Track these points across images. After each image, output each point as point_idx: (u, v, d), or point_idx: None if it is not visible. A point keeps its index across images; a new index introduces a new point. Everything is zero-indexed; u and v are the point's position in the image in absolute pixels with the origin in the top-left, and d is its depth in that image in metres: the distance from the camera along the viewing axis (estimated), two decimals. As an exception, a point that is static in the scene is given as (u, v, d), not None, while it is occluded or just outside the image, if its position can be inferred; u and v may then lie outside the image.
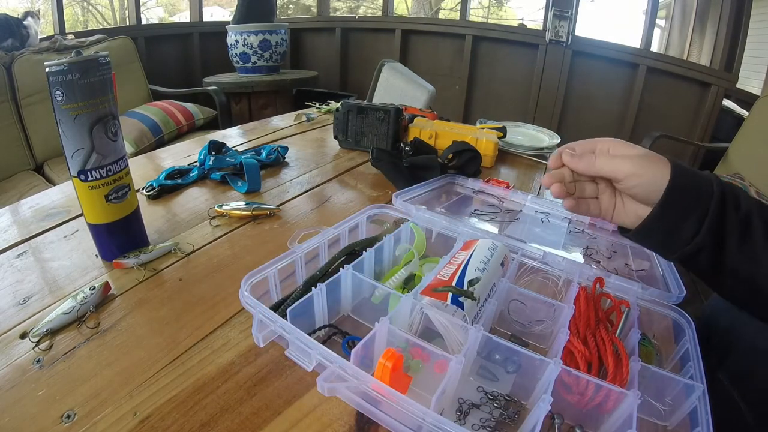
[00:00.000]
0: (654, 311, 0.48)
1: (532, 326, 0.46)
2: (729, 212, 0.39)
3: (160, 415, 0.35)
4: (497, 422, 0.36)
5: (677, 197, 0.39)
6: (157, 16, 5.42)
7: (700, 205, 0.39)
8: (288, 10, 4.78)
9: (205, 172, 0.83)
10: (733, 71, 2.07)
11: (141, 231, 0.59)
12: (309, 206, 0.74)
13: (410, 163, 0.85)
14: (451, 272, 0.44)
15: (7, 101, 1.73)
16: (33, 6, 3.62)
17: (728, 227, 0.39)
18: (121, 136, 0.53)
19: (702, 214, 0.39)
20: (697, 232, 0.39)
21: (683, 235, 0.39)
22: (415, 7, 4.81)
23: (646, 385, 0.37)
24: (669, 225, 0.40)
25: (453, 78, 2.68)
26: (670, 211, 0.39)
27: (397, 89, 1.79)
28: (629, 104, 2.28)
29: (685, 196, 0.39)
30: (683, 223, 0.39)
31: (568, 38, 2.26)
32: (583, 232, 0.68)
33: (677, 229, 0.39)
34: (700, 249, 0.39)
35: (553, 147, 1.11)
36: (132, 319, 0.46)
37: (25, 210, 0.70)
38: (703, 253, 0.39)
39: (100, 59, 0.48)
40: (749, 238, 0.38)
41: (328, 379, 0.34)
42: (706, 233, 0.38)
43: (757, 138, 1.70)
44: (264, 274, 0.44)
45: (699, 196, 0.39)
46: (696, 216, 0.39)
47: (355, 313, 0.48)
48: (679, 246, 0.40)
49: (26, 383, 0.38)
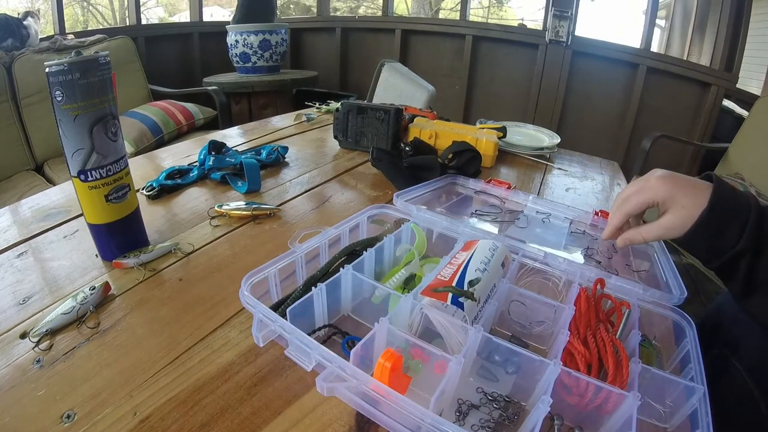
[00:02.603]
0: (655, 312, 0.48)
1: (533, 327, 0.46)
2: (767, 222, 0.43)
3: (160, 415, 0.35)
4: (497, 423, 0.36)
5: (721, 205, 0.44)
6: (157, 16, 5.42)
7: (742, 213, 0.43)
8: (288, 10, 4.78)
9: (205, 172, 0.83)
10: (733, 71, 2.07)
11: (141, 231, 0.59)
12: (309, 206, 0.74)
13: (410, 163, 0.84)
14: (451, 273, 0.44)
15: (7, 101, 1.73)
16: (33, 6, 3.62)
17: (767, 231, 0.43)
18: (121, 136, 0.53)
19: (743, 221, 0.43)
20: (740, 236, 0.43)
21: (727, 240, 0.43)
22: (415, 7, 4.81)
23: (647, 387, 0.37)
24: (714, 230, 0.44)
25: (453, 78, 2.68)
26: (715, 216, 0.43)
27: (397, 89, 1.79)
28: (629, 104, 2.28)
29: (728, 204, 0.44)
30: (727, 226, 0.43)
31: (568, 38, 2.26)
32: (584, 233, 0.68)
33: (721, 234, 0.44)
34: (741, 253, 0.43)
35: (553, 147, 1.11)
36: (132, 319, 0.46)
37: (25, 210, 0.70)
38: (743, 259, 0.43)
39: (100, 59, 0.48)
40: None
41: (327, 379, 0.34)
42: (747, 238, 0.42)
43: (757, 138, 1.70)
44: (264, 274, 0.44)
45: (740, 206, 0.44)
46: (738, 222, 0.43)
47: (355, 313, 0.48)
48: (723, 251, 0.44)
49: (26, 383, 0.38)
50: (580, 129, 2.39)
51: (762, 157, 1.62)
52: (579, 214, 0.70)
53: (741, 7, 2.03)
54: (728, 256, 0.43)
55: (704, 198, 0.44)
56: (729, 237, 0.43)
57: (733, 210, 0.44)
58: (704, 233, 0.44)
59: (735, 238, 0.43)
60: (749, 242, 0.43)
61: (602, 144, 2.36)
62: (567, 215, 0.71)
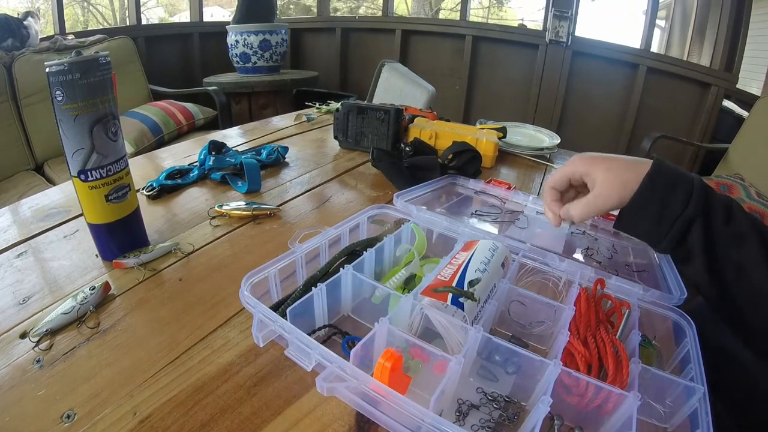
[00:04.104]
0: (655, 313, 0.48)
1: (533, 327, 0.46)
2: (711, 192, 0.42)
3: (160, 415, 0.35)
4: (496, 423, 0.36)
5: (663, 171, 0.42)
6: (157, 16, 5.42)
7: (686, 179, 0.42)
8: (288, 10, 4.78)
9: (205, 172, 0.83)
10: (733, 71, 2.07)
11: (141, 231, 0.59)
12: (309, 206, 0.74)
13: (410, 163, 0.84)
14: (451, 273, 0.44)
15: (7, 101, 1.73)
16: (33, 6, 3.62)
17: (714, 203, 0.41)
18: (121, 136, 0.53)
19: (688, 185, 0.41)
20: (687, 201, 0.41)
21: (673, 207, 0.41)
22: (415, 7, 4.81)
23: (647, 387, 0.37)
24: (657, 198, 0.42)
25: (453, 78, 2.68)
26: (658, 182, 0.42)
27: (397, 89, 1.79)
28: (629, 104, 2.28)
29: (670, 171, 0.42)
30: (673, 191, 0.41)
31: (568, 38, 2.26)
32: (584, 233, 0.68)
33: (666, 201, 0.42)
34: (691, 221, 0.41)
35: (553, 147, 1.10)
36: (132, 319, 0.46)
37: (25, 210, 0.70)
38: (695, 224, 0.41)
39: (100, 59, 0.48)
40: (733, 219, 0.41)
41: (327, 379, 0.34)
42: (696, 202, 0.40)
43: (757, 138, 1.70)
44: (264, 274, 0.44)
45: (682, 174, 0.42)
46: (683, 188, 0.41)
47: (355, 313, 0.48)
48: (669, 220, 0.42)
49: (26, 383, 0.38)
50: (580, 129, 2.39)
51: (762, 157, 1.62)
52: (579, 215, 0.70)
53: (741, 8, 2.03)
54: (679, 225, 0.41)
55: (633, 170, 0.43)
56: (674, 203, 0.41)
57: (676, 177, 0.42)
58: (647, 201, 0.42)
59: (682, 204, 0.41)
60: (698, 206, 0.40)
61: (602, 144, 2.36)
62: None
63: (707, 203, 0.41)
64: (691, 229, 0.41)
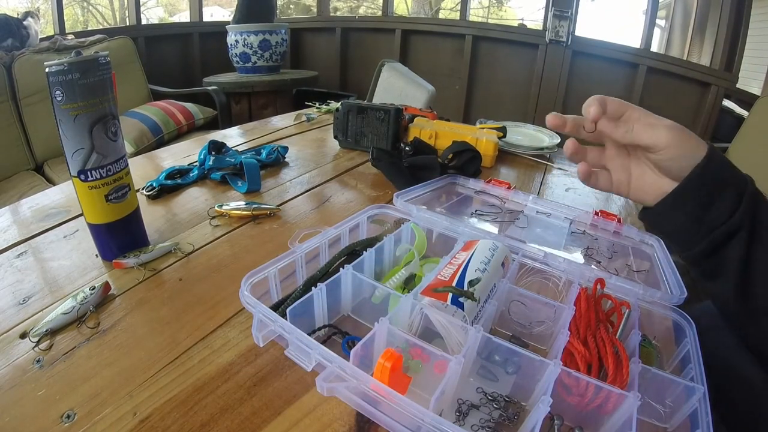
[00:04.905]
0: (655, 312, 0.48)
1: (533, 327, 0.46)
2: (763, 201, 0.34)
3: (160, 415, 0.35)
4: (496, 423, 0.36)
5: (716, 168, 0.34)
6: (157, 16, 5.42)
7: (739, 183, 0.34)
8: (288, 10, 4.78)
9: (205, 172, 0.83)
10: (733, 71, 2.07)
11: (141, 231, 0.59)
12: (309, 206, 0.74)
13: (410, 163, 0.84)
14: (451, 272, 0.44)
15: (7, 101, 1.73)
16: (33, 6, 3.62)
17: (763, 216, 0.34)
18: (121, 136, 0.53)
19: (740, 190, 0.33)
20: (734, 208, 0.33)
21: (718, 211, 0.34)
22: (415, 7, 4.81)
23: (647, 387, 0.37)
24: (704, 196, 0.35)
25: (453, 78, 2.68)
26: (708, 179, 0.34)
27: (397, 89, 1.79)
28: (629, 104, 2.28)
29: (723, 169, 0.34)
30: (721, 193, 0.34)
31: (568, 38, 2.26)
32: (584, 233, 0.68)
33: (711, 202, 0.34)
34: (734, 232, 0.33)
35: (553, 147, 1.10)
36: (132, 319, 0.46)
37: (25, 210, 0.70)
38: (735, 240, 0.34)
39: (100, 59, 0.48)
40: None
41: (327, 379, 0.34)
42: (744, 212, 0.33)
43: (757, 138, 1.70)
44: (264, 274, 0.44)
45: (735, 174, 0.34)
46: (734, 189, 0.33)
47: (355, 313, 0.48)
48: (710, 226, 0.34)
49: (26, 383, 0.38)
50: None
51: (762, 157, 1.62)
52: (579, 214, 0.70)
53: (741, 7, 2.03)
54: (719, 234, 0.35)
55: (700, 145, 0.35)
56: (721, 208, 0.34)
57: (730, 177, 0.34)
58: (691, 196, 0.35)
59: (728, 211, 0.34)
60: (745, 218, 0.33)
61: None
62: (567, 215, 0.71)
63: (756, 215, 0.34)
64: (731, 241, 0.35)
